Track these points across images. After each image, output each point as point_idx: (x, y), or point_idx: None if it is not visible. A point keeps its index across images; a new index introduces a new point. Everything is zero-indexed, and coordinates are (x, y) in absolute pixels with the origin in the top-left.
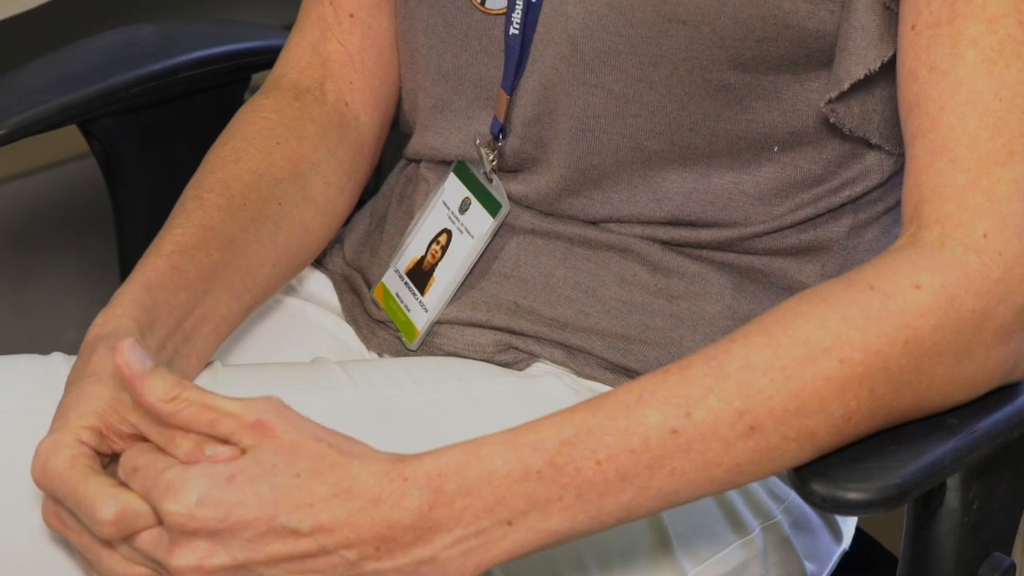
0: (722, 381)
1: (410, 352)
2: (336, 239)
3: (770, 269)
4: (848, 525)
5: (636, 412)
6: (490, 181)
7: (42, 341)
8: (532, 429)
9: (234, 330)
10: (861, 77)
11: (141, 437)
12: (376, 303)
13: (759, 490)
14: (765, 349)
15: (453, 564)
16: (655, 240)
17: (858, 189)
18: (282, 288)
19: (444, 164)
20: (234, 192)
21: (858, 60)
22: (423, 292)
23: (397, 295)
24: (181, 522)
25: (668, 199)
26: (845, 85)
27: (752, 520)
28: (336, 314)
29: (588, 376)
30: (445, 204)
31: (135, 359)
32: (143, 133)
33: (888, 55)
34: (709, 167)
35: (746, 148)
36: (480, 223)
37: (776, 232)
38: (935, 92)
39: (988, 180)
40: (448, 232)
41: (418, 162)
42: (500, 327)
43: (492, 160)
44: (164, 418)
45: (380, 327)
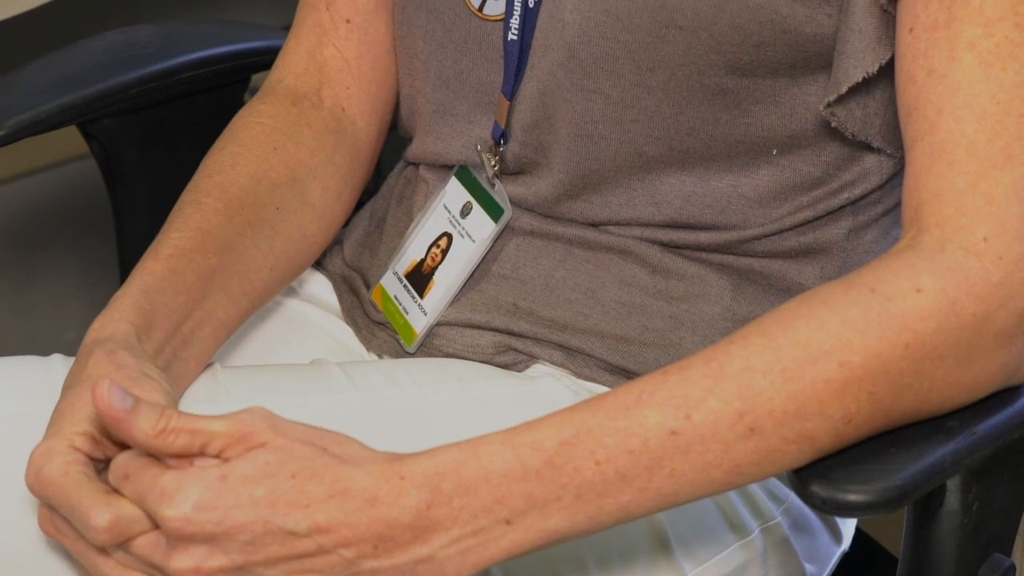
0: (722, 382)
1: (409, 354)
2: (336, 240)
3: (769, 271)
4: (848, 526)
5: (635, 413)
6: (493, 186)
7: (42, 342)
8: (531, 429)
9: (232, 334)
10: (859, 80)
11: None
12: (375, 305)
13: (759, 491)
14: (765, 351)
15: (451, 563)
16: (654, 242)
17: (857, 191)
18: (279, 293)
19: (445, 167)
20: (231, 196)
21: (856, 63)
22: (422, 295)
23: (395, 298)
24: (178, 527)
25: (667, 203)
26: (843, 88)
27: (752, 521)
28: (336, 315)
29: (587, 377)
30: (446, 207)
31: (116, 400)
32: (143, 134)
33: (886, 58)
34: (708, 171)
35: (745, 152)
36: (481, 227)
37: (775, 234)
38: (933, 95)
39: (987, 184)
40: (448, 235)
41: (417, 164)
42: (499, 328)
43: (494, 165)
44: (157, 453)
45: (380, 328)
